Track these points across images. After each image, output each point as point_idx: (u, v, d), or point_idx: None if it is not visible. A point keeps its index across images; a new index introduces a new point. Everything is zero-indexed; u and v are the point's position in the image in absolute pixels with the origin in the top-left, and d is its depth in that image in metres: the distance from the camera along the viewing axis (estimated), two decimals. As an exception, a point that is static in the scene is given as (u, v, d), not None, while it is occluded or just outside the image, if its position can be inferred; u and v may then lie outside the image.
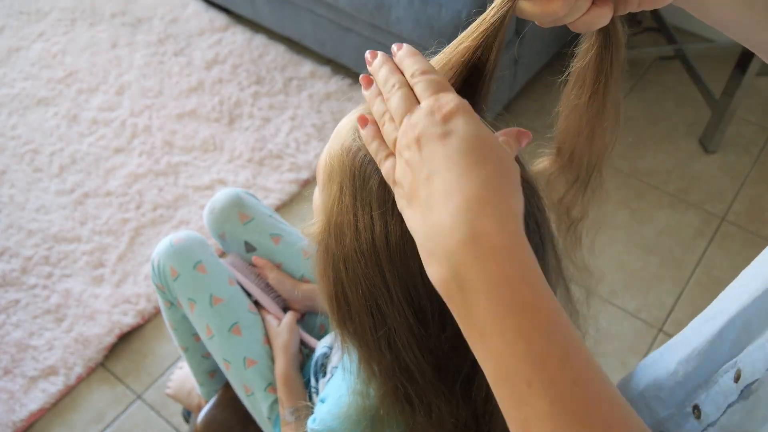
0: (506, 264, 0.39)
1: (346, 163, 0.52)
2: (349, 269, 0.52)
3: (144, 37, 2.28)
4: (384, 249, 0.50)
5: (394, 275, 0.51)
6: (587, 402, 0.37)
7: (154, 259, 1.04)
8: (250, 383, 0.98)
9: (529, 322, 0.38)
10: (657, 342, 1.54)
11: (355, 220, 0.51)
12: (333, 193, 0.53)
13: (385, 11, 1.70)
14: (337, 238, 0.53)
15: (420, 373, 0.55)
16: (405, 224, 0.47)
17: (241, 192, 1.11)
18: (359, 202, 0.51)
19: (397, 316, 0.52)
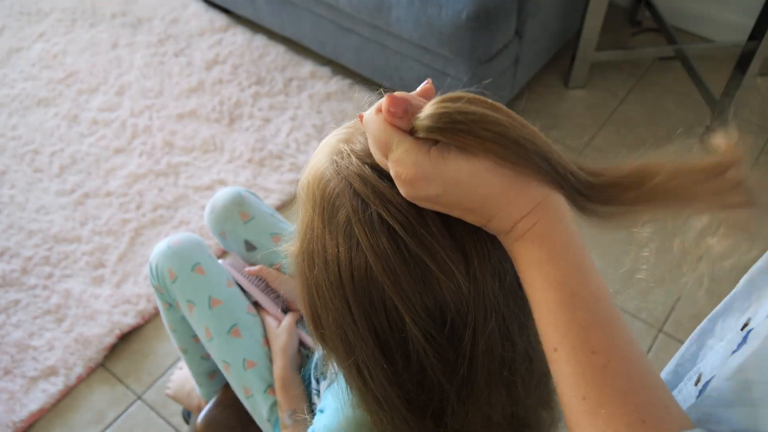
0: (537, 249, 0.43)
1: (317, 193, 0.51)
2: (320, 296, 0.52)
3: (144, 37, 2.28)
4: (349, 283, 0.50)
5: (359, 309, 0.50)
6: (604, 371, 0.39)
7: (152, 262, 1.04)
8: (250, 385, 0.98)
9: (555, 296, 0.42)
10: (657, 342, 1.54)
11: (323, 250, 0.51)
12: (306, 220, 0.53)
13: (385, 12, 1.71)
14: (309, 264, 0.53)
15: (388, 404, 0.55)
16: (369, 260, 0.48)
17: (242, 191, 1.10)
18: (327, 234, 0.50)
19: (365, 348, 0.52)
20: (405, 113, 0.45)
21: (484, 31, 1.58)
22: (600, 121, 2.01)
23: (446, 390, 0.53)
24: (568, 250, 0.43)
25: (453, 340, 0.51)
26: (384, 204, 0.48)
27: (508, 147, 0.43)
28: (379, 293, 0.49)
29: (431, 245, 0.48)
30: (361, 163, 0.50)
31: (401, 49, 1.81)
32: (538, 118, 1.99)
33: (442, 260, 0.48)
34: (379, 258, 0.48)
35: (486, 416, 0.56)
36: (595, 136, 1.96)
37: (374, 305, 0.50)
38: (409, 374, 0.53)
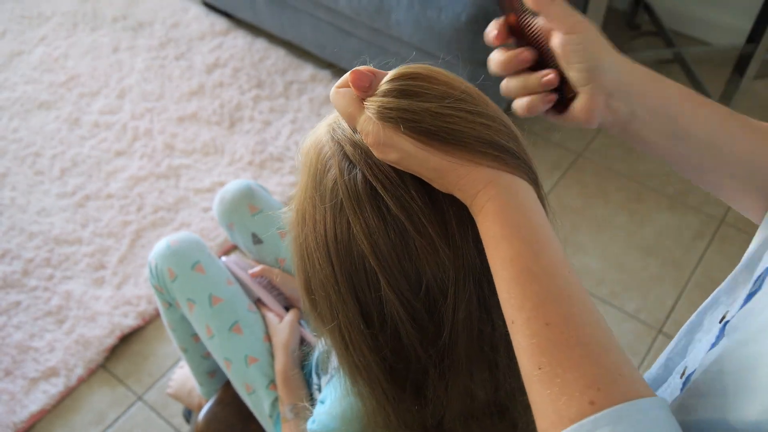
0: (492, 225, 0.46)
1: (312, 156, 0.55)
2: (309, 257, 0.55)
3: (145, 41, 2.29)
4: (333, 242, 0.52)
5: (341, 269, 0.52)
6: (557, 342, 0.41)
7: (151, 262, 1.04)
8: (252, 381, 0.98)
9: (509, 272, 0.44)
10: (656, 343, 1.54)
11: (313, 210, 0.53)
12: (301, 183, 0.56)
13: (384, 14, 1.72)
14: (300, 224, 0.55)
15: (367, 372, 0.56)
16: (350, 218, 0.50)
17: (252, 184, 1.11)
18: (317, 195, 0.53)
19: (345, 310, 0.54)
20: (370, 87, 0.49)
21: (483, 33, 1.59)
22: (599, 124, 2.01)
23: (423, 360, 0.54)
24: (520, 228, 0.45)
25: (429, 306, 0.52)
26: (368, 164, 0.50)
27: (446, 140, 0.47)
28: (360, 253, 0.51)
29: (409, 206, 0.49)
30: (352, 131, 0.53)
31: (401, 51, 1.82)
32: (537, 121, 1.99)
33: (419, 221, 0.49)
34: (359, 216, 0.50)
35: (468, 393, 0.57)
36: (594, 139, 1.97)
37: (355, 265, 0.52)
38: (386, 339, 0.54)
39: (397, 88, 0.48)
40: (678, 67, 2.09)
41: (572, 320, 0.42)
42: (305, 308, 0.60)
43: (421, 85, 0.48)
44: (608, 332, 0.42)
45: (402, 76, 0.49)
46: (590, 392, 0.39)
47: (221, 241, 1.73)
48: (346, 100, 0.50)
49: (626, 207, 1.81)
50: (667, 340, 1.54)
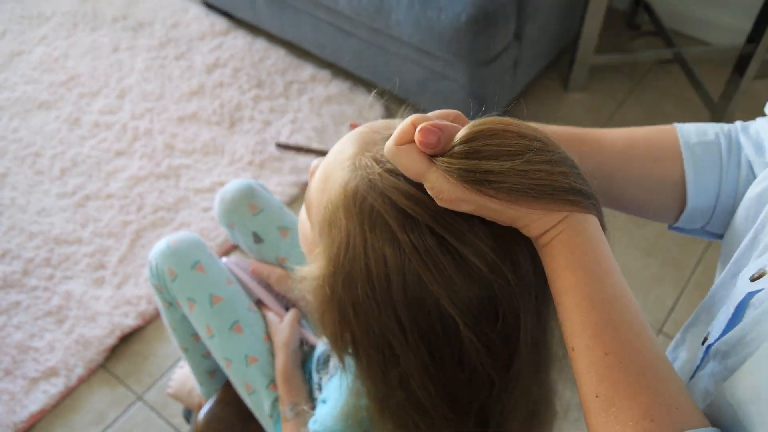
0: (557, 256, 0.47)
1: (353, 209, 0.50)
2: (360, 314, 0.52)
3: (145, 41, 2.29)
4: (401, 296, 0.49)
5: (411, 321, 0.50)
6: (615, 370, 0.42)
7: (151, 261, 1.04)
8: (252, 381, 0.98)
9: (570, 301, 0.45)
10: (657, 343, 1.54)
11: (365, 267, 0.50)
12: (338, 240, 0.51)
13: (384, 14, 1.72)
14: (345, 285, 0.51)
15: (433, 408, 0.55)
16: (421, 271, 0.48)
17: (253, 183, 1.11)
18: (370, 250, 0.49)
19: (412, 357, 0.52)
20: (438, 143, 0.46)
21: (483, 33, 1.59)
22: (599, 124, 2.01)
23: (496, 385, 0.55)
24: (585, 257, 0.46)
25: (504, 336, 0.52)
26: (433, 217, 0.48)
27: (530, 194, 0.46)
28: (434, 302, 0.49)
29: (482, 251, 0.49)
30: (392, 175, 0.49)
31: (401, 51, 1.82)
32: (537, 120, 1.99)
33: (494, 263, 0.49)
34: (432, 271, 0.48)
35: (530, 397, 0.58)
36: (594, 139, 1.97)
37: (428, 315, 0.50)
38: (461, 376, 0.53)
39: (475, 149, 0.46)
40: (678, 67, 2.09)
41: (630, 350, 0.43)
42: (336, 361, 0.58)
43: (499, 142, 0.46)
44: (665, 362, 0.43)
45: (477, 135, 0.46)
46: (645, 422, 0.40)
47: (221, 241, 1.73)
48: (411, 158, 0.47)
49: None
50: (668, 340, 1.54)
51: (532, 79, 2.02)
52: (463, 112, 0.53)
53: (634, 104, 2.07)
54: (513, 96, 1.93)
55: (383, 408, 0.58)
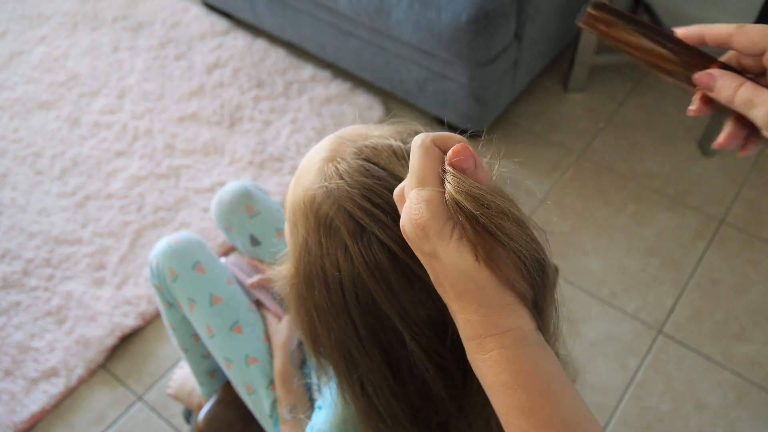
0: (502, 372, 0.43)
1: (310, 215, 0.51)
2: (321, 317, 0.52)
3: (145, 41, 2.29)
4: (354, 303, 0.50)
5: (365, 327, 0.51)
6: None
7: (152, 261, 1.04)
8: (252, 381, 0.98)
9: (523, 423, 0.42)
10: (656, 343, 1.54)
11: (322, 272, 0.51)
12: (299, 242, 0.52)
13: (384, 14, 1.72)
14: (307, 286, 0.52)
15: (392, 418, 0.55)
16: (368, 280, 0.48)
17: (250, 185, 1.11)
18: (326, 256, 0.50)
19: (370, 364, 0.52)
20: (466, 170, 0.44)
21: (483, 33, 1.59)
22: (599, 124, 2.01)
23: (448, 403, 0.54)
24: (536, 378, 0.42)
25: (455, 352, 0.52)
26: (379, 225, 0.48)
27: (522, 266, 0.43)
28: (385, 314, 0.50)
29: None
30: (348, 186, 0.50)
31: (401, 51, 1.82)
32: (537, 121, 2.00)
33: None
34: (379, 282, 0.49)
35: (487, 423, 0.57)
36: (594, 140, 1.97)
37: (381, 322, 0.50)
38: (415, 388, 0.53)
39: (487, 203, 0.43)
40: (678, 67, 2.09)
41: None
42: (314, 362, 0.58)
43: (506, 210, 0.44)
44: None
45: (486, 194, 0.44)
46: None
47: (221, 241, 1.73)
48: (431, 162, 0.44)
49: (626, 207, 1.81)
50: (668, 341, 1.54)
51: (532, 79, 2.02)
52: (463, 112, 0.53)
53: (634, 104, 2.07)
54: (513, 96, 1.93)
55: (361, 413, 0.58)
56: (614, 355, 1.52)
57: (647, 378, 1.49)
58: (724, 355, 1.52)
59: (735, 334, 1.55)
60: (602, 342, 1.54)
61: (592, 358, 1.52)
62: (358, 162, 0.52)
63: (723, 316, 1.58)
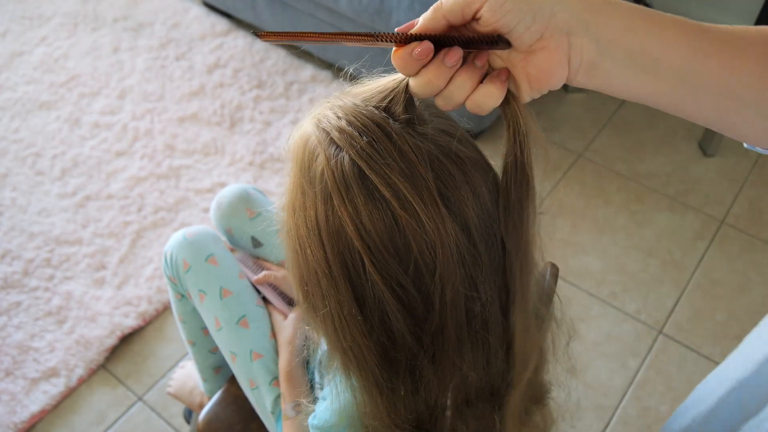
0: None
1: (299, 148, 0.55)
2: (300, 245, 0.55)
3: (146, 41, 2.29)
4: (324, 226, 0.52)
5: (333, 252, 0.52)
6: None
7: (166, 252, 1.05)
8: (256, 376, 0.99)
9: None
10: (657, 344, 1.54)
11: (303, 198, 0.54)
12: (290, 177, 0.56)
13: (385, 15, 1.72)
14: (291, 217, 0.56)
15: (358, 358, 0.56)
16: (336, 201, 0.51)
17: (248, 188, 1.11)
18: (307, 183, 0.53)
19: (337, 294, 0.54)
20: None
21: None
22: (599, 124, 2.01)
23: (414, 344, 0.54)
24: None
25: (418, 287, 0.52)
26: (353, 147, 0.50)
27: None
28: (349, 234, 0.52)
29: (393, 183, 0.49)
30: (337, 117, 0.53)
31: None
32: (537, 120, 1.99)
33: (404, 197, 0.49)
34: (344, 199, 0.51)
35: (460, 375, 0.56)
36: (594, 139, 1.97)
37: (348, 247, 0.52)
38: (378, 324, 0.54)
39: None
40: (678, 67, 2.09)
41: None
42: (299, 301, 0.60)
43: None
44: None
45: None
46: None
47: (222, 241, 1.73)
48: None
49: (626, 207, 1.81)
50: (668, 341, 1.54)
51: (532, 79, 2.02)
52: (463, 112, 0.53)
53: (634, 104, 2.07)
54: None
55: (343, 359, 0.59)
56: (614, 355, 1.52)
57: (647, 378, 1.49)
58: (724, 356, 1.52)
59: (735, 334, 1.54)
60: (602, 342, 1.54)
61: (592, 358, 1.52)
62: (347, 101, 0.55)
63: (723, 316, 1.58)
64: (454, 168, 0.52)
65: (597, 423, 1.43)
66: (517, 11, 0.43)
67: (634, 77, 0.46)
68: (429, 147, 0.51)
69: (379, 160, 0.50)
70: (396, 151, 0.50)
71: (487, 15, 0.43)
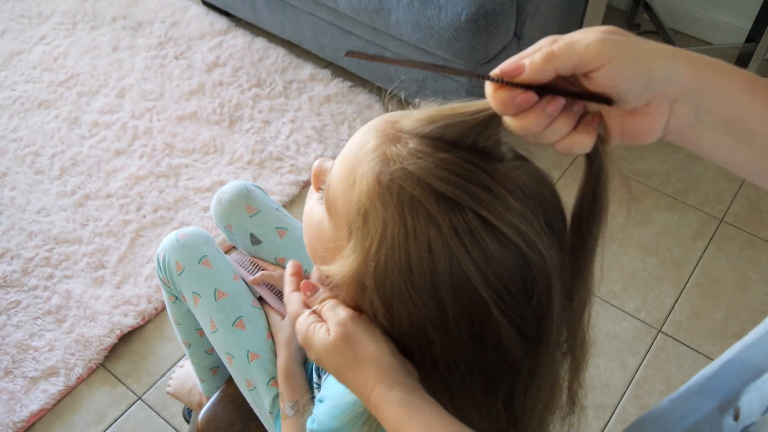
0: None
1: (389, 199, 0.49)
2: (391, 307, 0.52)
3: (145, 40, 2.29)
4: (447, 281, 0.49)
5: (454, 304, 0.50)
6: None
7: (159, 254, 1.05)
8: (253, 377, 0.98)
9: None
10: (656, 342, 1.54)
11: (407, 257, 0.49)
12: (375, 233, 0.50)
13: (384, 14, 1.71)
14: (379, 279, 0.51)
15: (460, 390, 0.55)
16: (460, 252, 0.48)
17: (249, 185, 1.11)
18: (412, 237, 0.49)
19: (450, 342, 0.52)
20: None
21: (483, 32, 1.59)
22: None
23: (522, 366, 0.54)
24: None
25: (539, 314, 0.52)
26: (476, 199, 0.48)
27: None
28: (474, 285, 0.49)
29: (514, 223, 0.49)
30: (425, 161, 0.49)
31: (401, 51, 1.82)
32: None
33: (525, 234, 0.49)
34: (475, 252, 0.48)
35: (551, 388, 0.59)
36: (594, 138, 1.97)
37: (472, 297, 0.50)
38: (494, 354, 0.53)
39: None
40: (678, 66, 2.09)
41: None
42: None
43: None
44: None
45: None
46: None
47: (221, 240, 1.73)
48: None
49: (626, 206, 1.81)
50: (667, 340, 1.54)
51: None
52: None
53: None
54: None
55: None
56: (614, 354, 1.52)
57: (647, 377, 1.49)
58: (723, 354, 1.52)
59: (735, 333, 1.55)
60: (602, 341, 1.54)
61: (591, 357, 1.52)
62: (424, 137, 0.51)
63: (723, 315, 1.58)
64: (543, 188, 0.53)
65: (596, 422, 1.43)
66: (632, 80, 0.42)
67: (726, 143, 0.47)
68: (520, 175, 0.51)
69: (495, 203, 0.48)
70: (503, 188, 0.49)
71: (601, 79, 0.42)
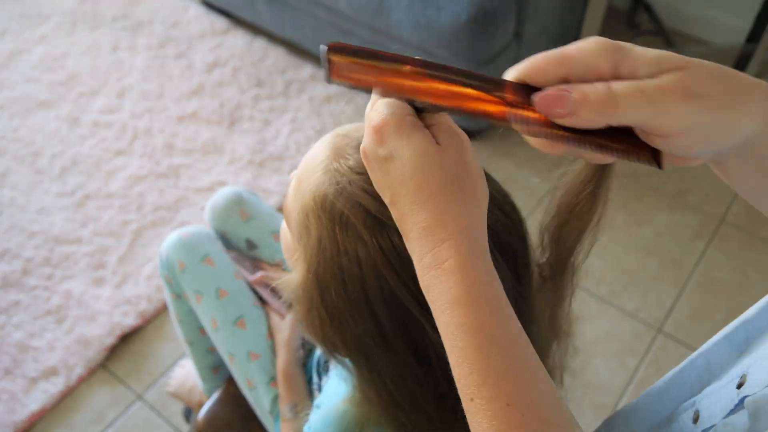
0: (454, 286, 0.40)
1: (323, 214, 0.51)
2: (334, 318, 0.52)
3: (145, 40, 2.29)
4: (378, 296, 0.50)
5: (388, 319, 0.51)
6: (518, 425, 0.38)
7: (162, 253, 1.05)
8: (253, 377, 0.99)
9: (470, 342, 0.39)
10: (656, 342, 1.54)
11: (340, 271, 0.50)
12: (311, 244, 0.52)
13: (384, 14, 1.72)
14: (320, 289, 0.52)
15: (412, 406, 0.55)
16: (393, 272, 0.48)
17: (241, 190, 1.11)
18: (342, 254, 0.50)
19: (391, 356, 0.52)
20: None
21: (483, 32, 1.59)
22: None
23: None
24: (487, 292, 0.40)
25: None
26: None
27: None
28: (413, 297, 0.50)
29: None
30: (361, 180, 0.50)
31: (401, 51, 1.82)
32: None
33: None
34: (400, 270, 0.49)
35: None
36: (594, 138, 1.97)
37: (406, 311, 0.50)
38: (441, 371, 0.53)
39: None
40: (678, 66, 2.09)
41: (532, 400, 0.39)
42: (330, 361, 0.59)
43: None
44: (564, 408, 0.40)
45: None
46: None
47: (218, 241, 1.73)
48: None
49: (626, 206, 1.81)
50: (667, 340, 1.54)
51: (531, 78, 2.02)
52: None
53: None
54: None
55: (382, 408, 0.58)
56: (614, 354, 1.52)
57: (647, 377, 1.49)
58: (723, 354, 1.52)
59: (734, 333, 1.55)
60: (602, 341, 1.54)
61: (591, 357, 1.52)
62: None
63: (723, 315, 1.58)
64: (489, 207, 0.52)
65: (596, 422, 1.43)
66: (716, 146, 0.38)
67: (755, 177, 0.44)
68: None
69: None
70: None
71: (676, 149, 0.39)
